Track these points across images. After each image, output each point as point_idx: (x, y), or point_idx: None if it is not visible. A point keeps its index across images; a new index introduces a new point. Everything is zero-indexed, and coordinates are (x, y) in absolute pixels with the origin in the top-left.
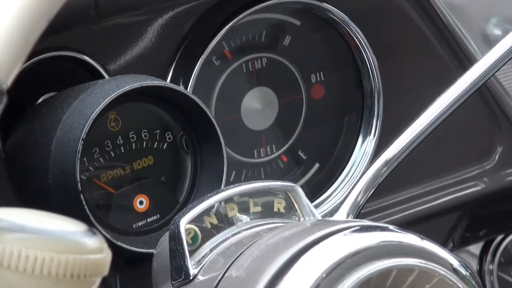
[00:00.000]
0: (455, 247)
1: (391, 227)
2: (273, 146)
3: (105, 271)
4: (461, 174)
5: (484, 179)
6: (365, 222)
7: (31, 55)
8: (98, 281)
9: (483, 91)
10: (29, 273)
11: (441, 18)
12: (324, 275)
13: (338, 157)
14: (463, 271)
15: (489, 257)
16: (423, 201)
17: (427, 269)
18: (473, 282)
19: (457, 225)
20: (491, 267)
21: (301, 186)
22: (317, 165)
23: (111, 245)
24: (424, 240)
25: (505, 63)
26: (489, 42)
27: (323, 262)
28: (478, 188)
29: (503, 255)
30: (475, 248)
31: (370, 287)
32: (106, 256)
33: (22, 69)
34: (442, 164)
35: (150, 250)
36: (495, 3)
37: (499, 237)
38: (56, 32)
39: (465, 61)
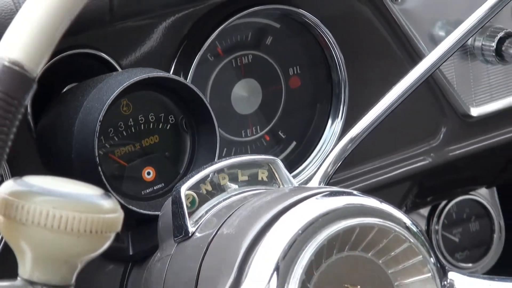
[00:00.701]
0: (407, 211)
1: (355, 192)
2: (258, 127)
3: (119, 228)
4: (412, 150)
5: (431, 154)
6: (334, 188)
7: (58, 52)
8: (112, 236)
9: (430, 82)
10: (56, 229)
11: (396, 22)
12: (300, 231)
13: (311, 136)
14: (414, 228)
15: (435, 219)
16: (381, 173)
17: (385, 227)
18: (422, 238)
19: (409, 192)
20: (436, 227)
21: (281, 160)
22: (294, 143)
23: (124, 208)
24: (382, 203)
25: (447, 59)
26: (435, 42)
27: (299, 221)
28: (426, 162)
29: (446, 217)
30: (424, 212)
31: (338, 242)
32: (119, 215)
33: (50, 64)
34: (396, 142)
35: (156, 213)
36: (440, 10)
37: (443, 203)
38: (78, 33)
39: (416, 58)
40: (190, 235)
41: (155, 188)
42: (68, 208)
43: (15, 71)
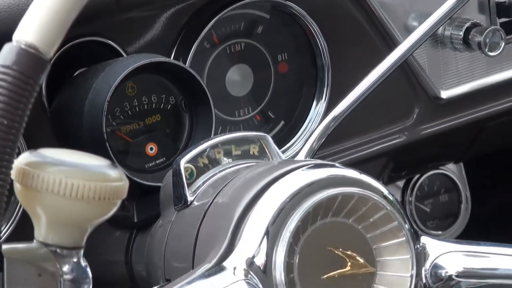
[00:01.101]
0: (384, 183)
1: (337, 164)
2: (249, 108)
3: (124, 195)
4: (388, 129)
5: (405, 133)
6: (318, 161)
7: (70, 40)
8: (119, 203)
9: (404, 67)
10: (68, 196)
11: (374, 13)
12: (287, 200)
13: (298, 116)
14: (390, 197)
15: (409, 191)
16: (360, 149)
17: (364, 196)
18: (397, 206)
19: (385, 167)
20: (410, 198)
21: (271, 137)
22: (282, 122)
23: (129, 180)
24: (362, 174)
25: (419, 46)
26: (409, 31)
27: (287, 190)
28: (401, 139)
29: (419, 190)
30: (399, 184)
31: (322, 209)
32: (124, 183)
33: (63, 50)
34: (374, 121)
35: (158, 184)
36: (414, 2)
37: (416, 176)
38: (87, 23)
39: (391, 45)
40: (188, 203)
41: (157, 162)
42: (78, 177)
43: (31, 53)
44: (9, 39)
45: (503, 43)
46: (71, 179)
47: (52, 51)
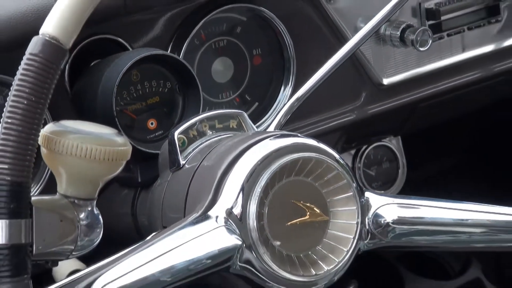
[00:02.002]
0: (338, 152)
1: (299, 135)
2: (230, 92)
3: (128, 157)
4: (341, 109)
5: (355, 112)
6: (284, 132)
7: (87, 37)
8: (124, 163)
9: (353, 59)
10: (83, 158)
11: (330, 16)
12: (259, 162)
13: (269, 98)
14: (341, 161)
15: (358, 159)
16: (319, 125)
17: (320, 159)
18: (346, 167)
19: (339, 139)
20: (359, 165)
21: (247, 115)
22: (257, 103)
23: (134, 148)
24: (319, 143)
25: (363, 42)
26: (357, 31)
27: (259, 155)
28: (351, 117)
29: (366, 158)
30: (351, 153)
31: (286, 170)
32: (128, 148)
33: (81, 45)
34: (329, 102)
35: (157, 151)
36: (361, 8)
37: (364, 147)
38: (101, 23)
39: (343, 42)
40: (181, 166)
41: (156, 134)
42: (92, 143)
43: (53, 44)
44: (36, 33)
45: (431, 41)
46: (86, 144)
47: (71, 42)
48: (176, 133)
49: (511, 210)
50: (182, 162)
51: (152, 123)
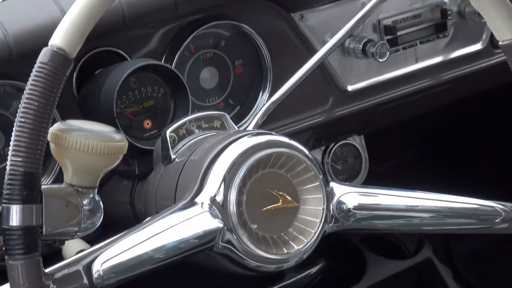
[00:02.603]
0: (309, 149)
1: (273, 133)
2: (216, 97)
3: (125, 151)
4: (312, 111)
5: (324, 114)
6: (260, 131)
7: (91, 49)
8: (121, 157)
9: (322, 69)
10: (86, 152)
11: (302, 32)
12: (238, 156)
13: (249, 102)
14: (310, 156)
15: (326, 155)
16: (292, 125)
17: (291, 154)
18: (314, 161)
19: (310, 138)
20: (327, 160)
21: (230, 117)
22: (238, 107)
23: (132, 145)
24: (290, 140)
25: (330, 54)
26: (324, 44)
27: (238, 150)
28: (320, 119)
29: (333, 154)
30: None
31: (262, 163)
32: (125, 143)
33: (87, 57)
34: (301, 106)
35: (151, 147)
36: (328, 25)
37: (332, 144)
38: (103, 37)
39: (313, 53)
40: (172, 160)
41: (151, 132)
42: (93, 139)
43: (60, 54)
44: (46, 45)
45: (388, 53)
46: (88, 140)
47: (75, 52)
48: (168, 132)
49: (455, 198)
50: (173, 156)
51: (147, 123)
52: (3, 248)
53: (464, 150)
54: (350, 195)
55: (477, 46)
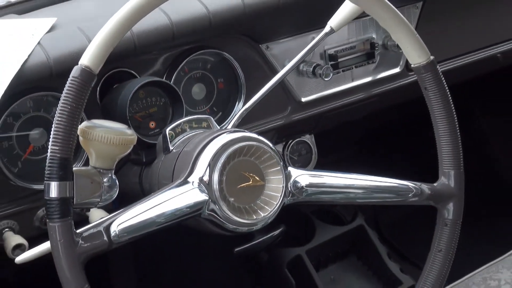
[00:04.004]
0: (273, 144)
1: (246, 131)
2: (204, 105)
3: (135, 142)
4: (274, 116)
5: (283, 119)
6: (236, 129)
7: (110, 70)
8: (131, 147)
9: (282, 84)
10: (105, 143)
11: (268, 59)
12: (220, 148)
13: (228, 109)
14: (273, 147)
15: (286, 149)
16: (260, 126)
17: (259, 146)
18: (276, 151)
19: (273, 136)
20: (287, 152)
21: (214, 120)
22: (220, 113)
23: (141, 140)
24: (258, 136)
25: (287, 74)
26: (284, 67)
27: (220, 143)
28: (281, 122)
29: (291, 148)
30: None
31: (237, 152)
32: (135, 137)
33: (107, 75)
34: (266, 113)
35: (155, 142)
36: (288, 53)
37: (290, 141)
38: (119, 60)
39: (275, 74)
40: (170, 151)
41: (155, 131)
42: (111, 133)
43: (86, 70)
44: (77, 64)
45: (332, 74)
46: (107, 134)
47: (98, 70)
48: (167, 130)
49: (380, 179)
50: (171, 148)
51: (152, 124)
52: (45, 215)
53: (388, 145)
54: (303, 176)
55: (397, 69)
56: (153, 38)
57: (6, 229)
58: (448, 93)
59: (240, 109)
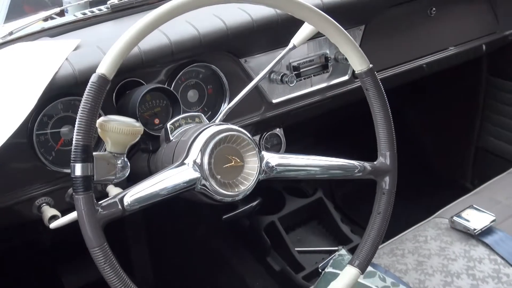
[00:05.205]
0: (251, 135)
1: (230, 124)
2: (197, 106)
3: (141, 132)
4: (252, 114)
5: (259, 116)
6: (222, 123)
7: (122, 80)
8: (139, 136)
9: (257, 89)
10: (119, 133)
11: (246, 70)
12: (208, 137)
13: (216, 109)
14: (250, 137)
15: (261, 139)
16: (240, 122)
17: (240, 135)
18: (252, 140)
19: (251, 129)
20: (262, 142)
21: (206, 117)
22: (210, 112)
23: (148, 133)
24: (239, 127)
25: (261, 81)
26: (258, 75)
27: (209, 133)
28: (257, 118)
29: (265, 138)
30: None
31: (222, 140)
32: (142, 128)
33: (120, 84)
34: (245, 111)
35: (159, 134)
36: (262, 65)
37: (264, 133)
38: (129, 72)
39: (251, 80)
40: (170, 140)
41: (159, 126)
42: (123, 126)
43: (102, 77)
44: (95, 72)
45: (295, 81)
46: (120, 126)
47: (111, 76)
48: (168, 125)
49: (333, 159)
50: (171, 138)
51: (157, 121)
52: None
53: (339, 135)
54: (273, 158)
55: (346, 77)
56: (157, 54)
57: (44, 204)
58: (384, 92)
59: (225, 108)
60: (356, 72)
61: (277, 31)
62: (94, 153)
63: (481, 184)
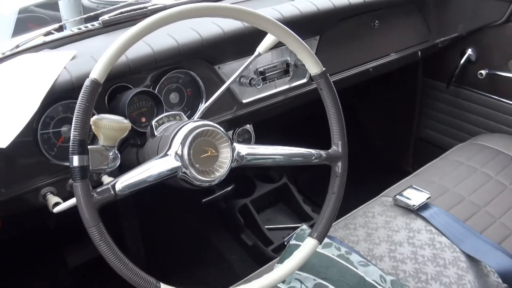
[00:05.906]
0: (225, 130)
1: (206, 121)
2: (177, 106)
3: (129, 128)
4: (225, 112)
5: (231, 114)
6: (199, 119)
7: (113, 85)
8: (127, 131)
9: (229, 91)
10: (109, 129)
11: (220, 76)
12: (188, 130)
13: (194, 109)
14: (224, 131)
15: (234, 134)
16: (216, 119)
17: (215, 130)
18: (226, 134)
19: (225, 126)
20: (235, 136)
21: (186, 116)
22: (189, 111)
23: (136, 130)
24: (214, 123)
25: (232, 84)
26: (229, 79)
27: (188, 128)
28: (229, 116)
29: (238, 133)
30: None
31: (200, 134)
32: (129, 124)
33: (112, 89)
34: (220, 109)
35: (145, 130)
36: (232, 71)
37: (237, 129)
38: (118, 78)
39: (223, 83)
40: (155, 135)
41: (145, 123)
42: (114, 122)
43: (94, 81)
44: (88, 77)
45: (261, 83)
46: (110, 123)
47: (102, 80)
48: (153, 122)
49: (295, 149)
50: (156, 134)
51: (143, 119)
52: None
53: (299, 129)
54: (243, 149)
55: (304, 80)
56: (142, 63)
57: (48, 193)
58: (335, 91)
59: (202, 107)
60: (312, 75)
61: (245, 41)
62: (89, 147)
63: (419, 168)
